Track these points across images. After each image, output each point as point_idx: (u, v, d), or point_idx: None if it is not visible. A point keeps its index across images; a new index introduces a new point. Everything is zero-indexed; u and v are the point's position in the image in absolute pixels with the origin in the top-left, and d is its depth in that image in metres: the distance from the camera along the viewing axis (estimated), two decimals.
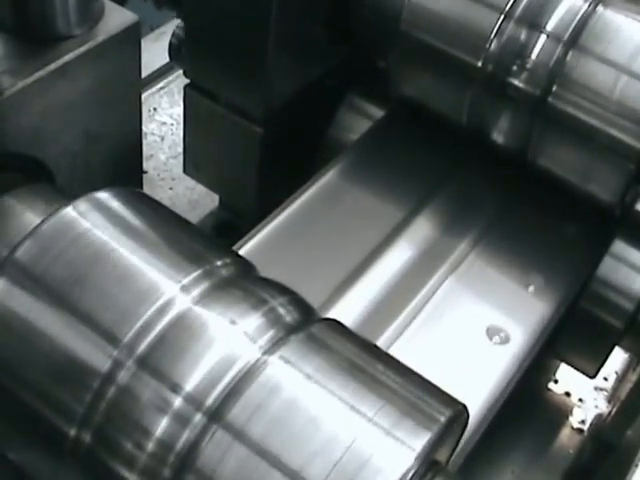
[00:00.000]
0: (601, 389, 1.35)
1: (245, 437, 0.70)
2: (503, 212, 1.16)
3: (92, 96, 1.06)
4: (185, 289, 0.77)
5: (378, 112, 1.31)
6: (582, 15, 1.07)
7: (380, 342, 0.99)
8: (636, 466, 0.84)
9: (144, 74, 1.27)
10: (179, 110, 1.58)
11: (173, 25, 1.41)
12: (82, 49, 1.01)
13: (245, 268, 0.85)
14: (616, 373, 1.36)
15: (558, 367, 1.33)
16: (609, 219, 1.15)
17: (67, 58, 1.00)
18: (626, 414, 1.24)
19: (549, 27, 1.08)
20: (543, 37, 1.08)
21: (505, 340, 1.02)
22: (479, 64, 1.10)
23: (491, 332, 1.03)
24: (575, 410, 1.32)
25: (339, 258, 1.07)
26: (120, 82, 1.09)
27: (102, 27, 1.04)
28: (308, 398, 0.72)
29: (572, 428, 1.30)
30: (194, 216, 1.50)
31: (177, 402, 0.72)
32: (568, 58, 1.06)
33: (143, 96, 1.30)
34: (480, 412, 0.95)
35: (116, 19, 1.05)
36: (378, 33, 1.22)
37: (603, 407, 1.33)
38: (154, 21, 1.78)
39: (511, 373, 0.99)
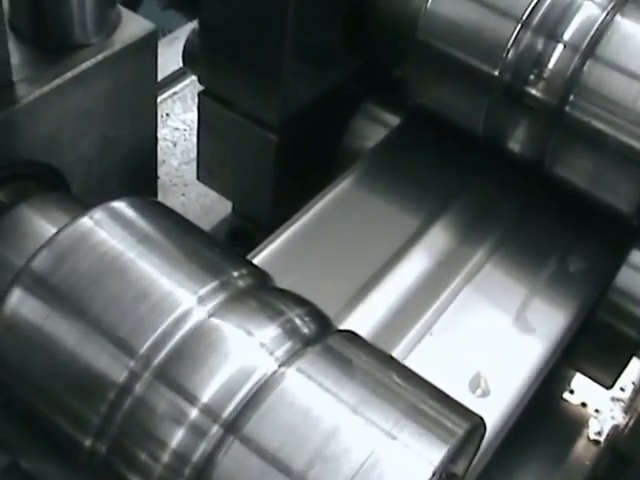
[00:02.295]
0: (618, 400, 1.34)
1: (262, 449, 0.70)
2: (520, 221, 1.16)
3: (108, 104, 1.06)
4: (202, 300, 0.76)
5: (394, 120, 1.31)
6: (599, 24, 1.07)
7: (396, 352, 0.98)
8: None
9: None
10: (192, 116, 1.58)
11: (186, 30, 1.41)
12: (99, 57, 1.01)
13: (261, 278, 0.84)
14: (633, 384, 1.35)
15: (574, 377, 1.32)
16: (627, 229, 1.14)
17: (84, 66, 1.00)
18: None
19: (566, 36, 1.07)
20: (560, 46, 1.07)
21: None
22: (496, 73, 1.10)
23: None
24: (591, 421, 1.31)
25: (354, 267, 1.07)
26: (136, 90, 1.09)
27: (119, 35, 1.04)
28: (325, 410, 0.72)
29: (588, 439, 1.29)
30: (207, 223, 1.50)
31: (193, 414, 0.72)
32: (585, 67, 1.06)
33: None
34: (497, 424, 0.94)
35: (133, 27, 1.05)
36: (394, 41, 1.22)
37: (620, 418, 1.32)
38: (167, 26, 1.78)
39: (528, 384, 0.99)
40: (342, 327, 0.84)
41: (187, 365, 0.73)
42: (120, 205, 0.84)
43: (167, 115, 1.69)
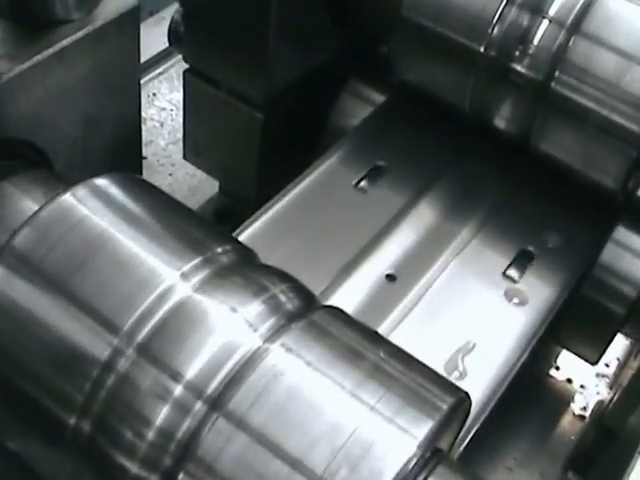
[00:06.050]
0: (603, 375, 1.34)
1: (246, 425, 0.70)
2: (506, 197, 1.16)
3: (91, 81, 1.05)
4: (185, 276, 0.76)
5: (379, 97, 1.30)
6: (585, 0, 1.06)
7: (382, 329, 0.98)
8: (639, 454, 0.83)
9: (143, 59, 1.26)
10: (178, 96, 1.58)
11: (172, 10, 1.40)
12: (80, 34, 1.00)
13: (246, 255, 0.84)
14: (618, 359, 1.36)
15: (559, 354, 1.32)
16: (612, 205, 1.14)
17: (65, 43, 0.99)
18: (628, 401, 1.24)
19: (551, 12, 1.07)
20: (545, 22, 1.07)
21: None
22: (481, 49, 1.10)
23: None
24: (577, 397, 1.32)
25: (340, 244, 1.06)
26: (119, 67, 1.08)
27: (101, 11, 1.03)
28: (309, 386, 0.72)
29: (574, 415, 1.30)
30: (194, 202, 1.50)
31: (177, 390, 0.72)
32: (570, 43, 1.06)
33: (142, 81, 1.29)
34: (482, 400, 0.94)
35: (115, 3, 1.04)
36: (379, 18, 1.21)
37: (605, 394, 1.33)
38: (153, 6, 1.77)
39: (513, 360, 0.99)
40: (328, 303, 0.84)
41: (171, 342, 0.73)
42: (103, 182, 0.84)
43: (154, 95, 1.68)
